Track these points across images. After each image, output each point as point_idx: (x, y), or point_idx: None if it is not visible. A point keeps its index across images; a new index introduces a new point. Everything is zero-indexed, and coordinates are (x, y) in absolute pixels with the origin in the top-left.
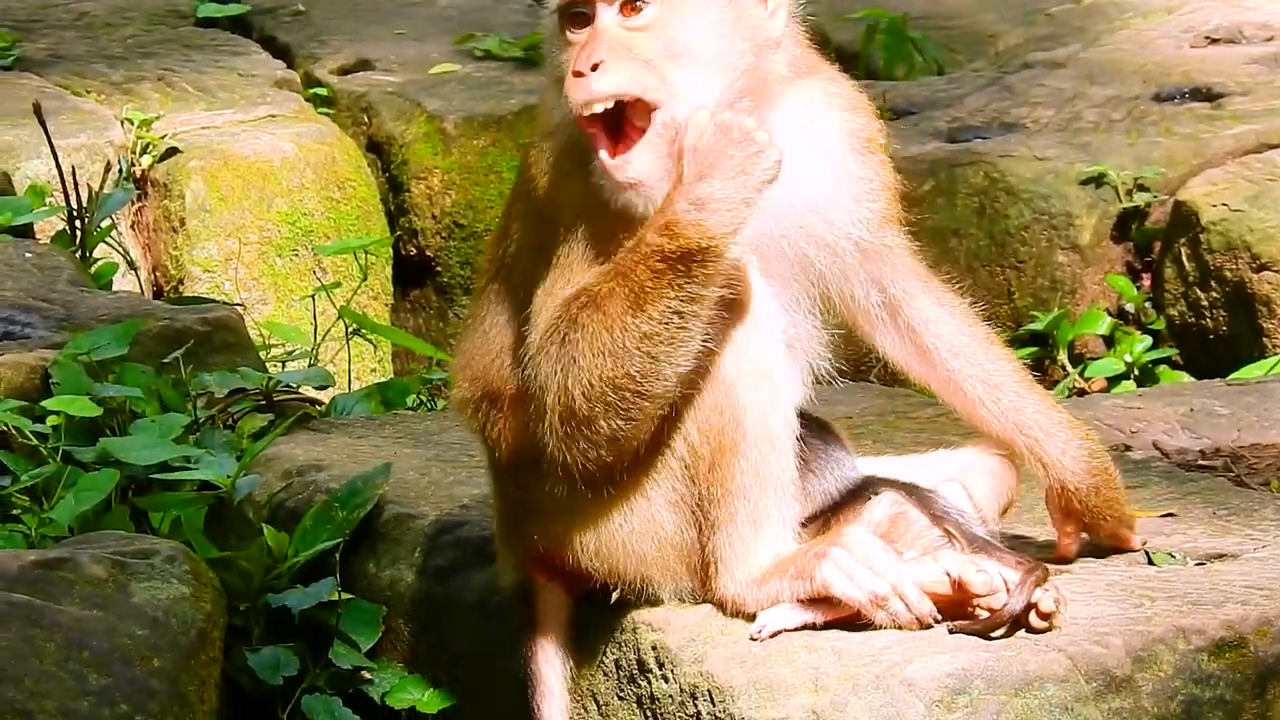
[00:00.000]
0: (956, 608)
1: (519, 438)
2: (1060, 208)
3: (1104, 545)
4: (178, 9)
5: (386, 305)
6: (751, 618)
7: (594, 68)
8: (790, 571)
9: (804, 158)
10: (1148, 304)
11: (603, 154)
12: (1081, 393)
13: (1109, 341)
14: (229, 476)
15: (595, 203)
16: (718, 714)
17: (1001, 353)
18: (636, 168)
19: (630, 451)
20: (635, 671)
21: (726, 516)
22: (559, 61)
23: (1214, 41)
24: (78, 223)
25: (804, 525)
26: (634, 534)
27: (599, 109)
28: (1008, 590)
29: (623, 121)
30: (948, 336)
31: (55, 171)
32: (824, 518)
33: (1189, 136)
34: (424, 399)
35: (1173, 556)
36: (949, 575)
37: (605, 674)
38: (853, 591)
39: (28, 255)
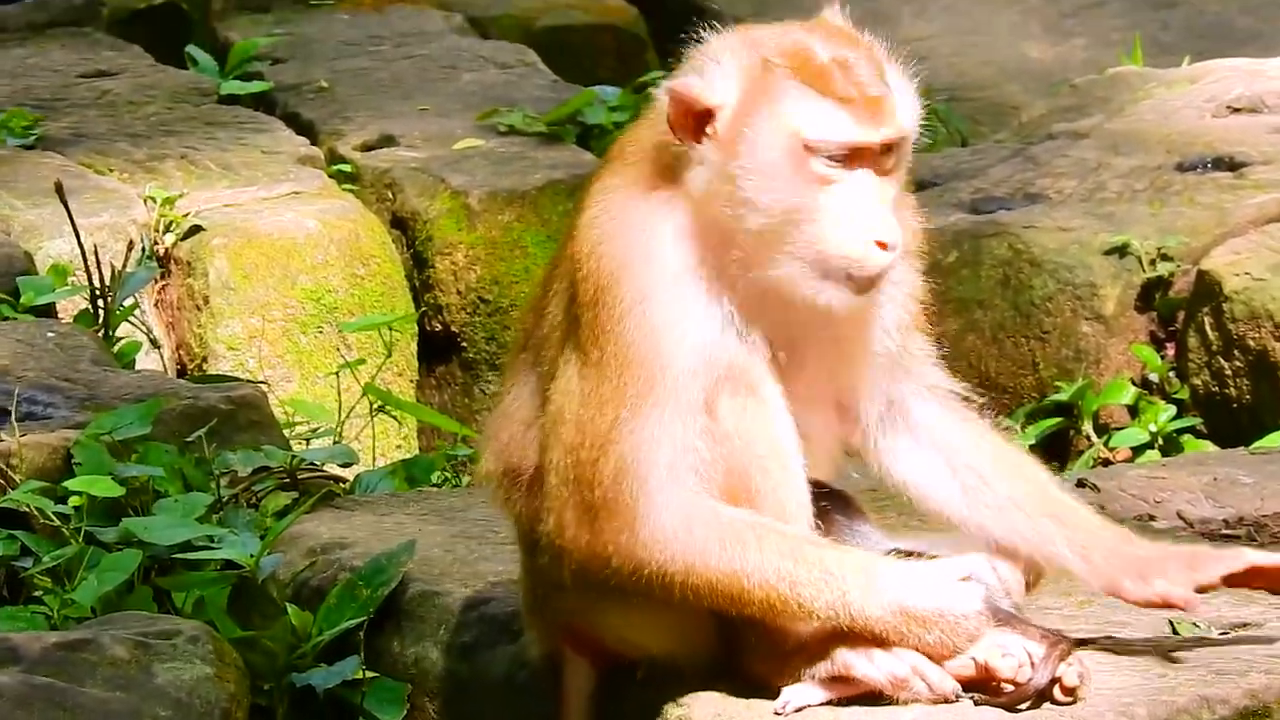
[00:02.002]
0: (981, 684)
1: (540, 514)
2: (1084, 278)
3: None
4: (200, 87)
5: (411, 382)
6: (775, 694)
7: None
8: (812, 650)
9: None
10: (1171, 373)
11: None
12: (1106, 463)
13: (1133, 411)
14: (252, 555)
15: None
16: None
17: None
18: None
19: None
20: None
21: None
22: (792, 187)
23: (1236, 111)
24: (100, 302)
25: None
26: (656, 611)
27: None
28: (1032, 665)
29: None
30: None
31: (78, 250)
32: None
33: (1212, 206)
34: (449, 475)
35: (1197, 626)
36: (975, 660)
37: None
38: (873, 673)
39: (50, 335)
